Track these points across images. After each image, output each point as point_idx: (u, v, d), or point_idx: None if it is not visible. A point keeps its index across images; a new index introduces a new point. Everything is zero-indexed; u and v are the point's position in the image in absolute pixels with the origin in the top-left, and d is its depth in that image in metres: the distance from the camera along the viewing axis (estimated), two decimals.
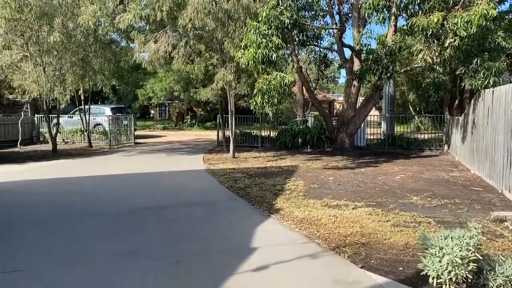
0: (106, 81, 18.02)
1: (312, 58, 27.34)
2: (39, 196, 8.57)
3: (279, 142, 17.53)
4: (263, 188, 9.14)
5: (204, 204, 7.79)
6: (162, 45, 12.31)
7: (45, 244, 5.60)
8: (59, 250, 5.35)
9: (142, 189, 9.37)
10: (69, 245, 5.54)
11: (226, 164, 12.97)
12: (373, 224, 6.37)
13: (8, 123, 19.79)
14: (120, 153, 16.24)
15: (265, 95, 10.95)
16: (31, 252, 5.26)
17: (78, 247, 5.46)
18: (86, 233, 6.05)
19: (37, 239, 5.81)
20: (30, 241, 5.72)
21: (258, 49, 10.91)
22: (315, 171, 11.61)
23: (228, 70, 12.90)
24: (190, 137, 24.24)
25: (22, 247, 5.44)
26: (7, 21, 12.15)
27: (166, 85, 29.05)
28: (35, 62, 13.97)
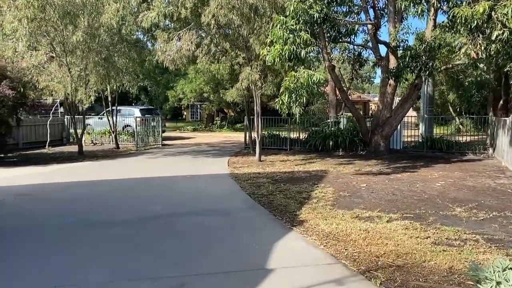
0: (133, 81, 17.72)
1: (345, 57, 26.40)
2: (49, 202, 8.16)
3: (309, 144, 16.70)
4: (287, 196, 8.40)
5: (220, 213, 7.13)
6: (185, 43, 11.79)
7: (31, 259, 5.09)
8: (42, 269, 4.81)
9: (158, 194, 8.82)
10: (57, 259, 5.00)
11: (251, 168, 12.29)
12: (411, 242, 5.52)
13: (37, 124, 19.86)
14: (145, 155, 15.88)
15: (292, 94, 10.20)
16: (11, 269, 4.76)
17: (69, 261, 4.91)
18: (83, 246, 5.50)
19: (25, 252, 5.31)
20: (17, 254, 5.23)
21: (285, 45, 10.19)
22: (346, 176, 10.75)
23: (254, 68, 12.24)
24: (218, 139, 23.75)
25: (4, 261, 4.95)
26: (30, 21, 11.95)
27: (196, 86, 28.74)
28: (59, 62, 13.77)
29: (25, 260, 4.97)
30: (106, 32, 13.89)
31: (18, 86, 13.77)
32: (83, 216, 7.05)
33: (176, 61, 11.73)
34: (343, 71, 34.51)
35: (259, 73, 12.25)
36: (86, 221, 6.67)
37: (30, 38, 12.74)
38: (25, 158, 15.25)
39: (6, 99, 12.83)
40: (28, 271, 4.64)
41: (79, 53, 13.52)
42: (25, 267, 4.76)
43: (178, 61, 11.77)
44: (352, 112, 15.77)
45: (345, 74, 34.13)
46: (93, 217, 6.95)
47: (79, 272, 4.61)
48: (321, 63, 25.12)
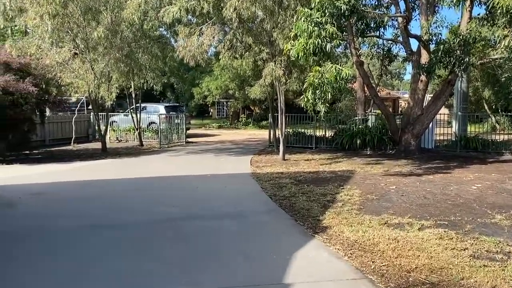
0: (157, 78, 17.54)
1: (374, 52, 25.53)
2: (63, 202, 7.95)
3: (335, 143, 16.10)
4: (310, 198, 7.91)
5: (238, 217, 6.72)
6: (207, 38, 11.42)
7: (32, 264, 4.81)
8: (41, 275, 4.52)
9: (175, 195, 8.49)
10: (59, 265, 4.70)
11: (274, 167, 11.85)
12: (446, 254, 4.97)
13: (64, 121, 20.02)
14: (168, 153, 15.66)
15: (317, 90, 9.66)
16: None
17: (70, 268, 4.60)
18: (88, 252, 5.17)
19: (27, 256, 5.04)
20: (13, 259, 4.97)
21: (309, 38, 9.64)
22: (375, 177, 10.17)
23: (278, 64, 11.76)
24: (243, 137, 23.39)
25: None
26: (51, 17, 11.84)
27: (221, 83, 28.45)
28: (82, 59, 13.67)
29: (25, 266, 4.69)
30: (128, 28, 13.68)
31: (41, 83, 13.76)
32: (94, 217, 6.78)
33: (196, 56, 11.38)
34: (372, 67, 33.56)
35: (283, 68, 11.76)
36: (97, 223, 6.39)
37: (53, 34, 12.65)
38: (50, 155, 15.29)
39: (29, 96, 12.82)
40: (25, 278, 4.36)
41: (101, 50, 13.37)
42: (24, 273, 4.48)
43: (199, 57, 11.42)
44: (381, 109, 15.07)
45: (374, 70, 33.19)
46: (104, 219, 6.67)
47: (78, 279, 4.29)
48: (349, 59, 24.36)
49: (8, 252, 5.19)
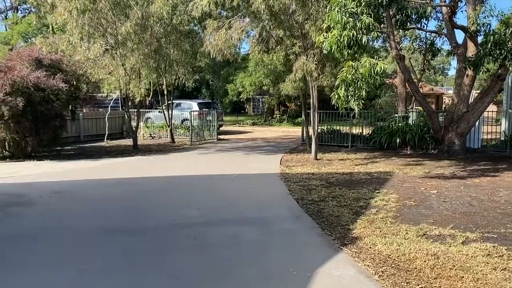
0: (188, 75, 17.26)
1: (416, 46, 24.30)
2: (82, 203, 7.68)
3: (373, 141, 15.26)
4: (341, 203, 7.27)
5: (260, 223, 6.19)
6: (235, 32, 10.93)
7: (35, 271, 4.47)
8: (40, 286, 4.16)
9: (198, 196, 8.06)
10: (62, 275, 4.33)
11: (305, 167, 11.23)
12: (495, 276, 4.25)
13: (98, 117, 20.17)
14: (198, 150, 15.34)
15: (350, 87, 8.98)
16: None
17: (72, 278, 4.22)
18: (96, 259, 4.81)
19: (31, 262, 4.71)
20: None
21: (344, 30, 8.96)
22: (414, 180, 9.37)
23: (310, 58, 11.11)
24: (276, 134, 22.83)
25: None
26: (80, 12, 11.71)
27: (255, 80, 27.97)
28: (112, 54, 13.53)
29: (25, 272, 4.37)
30: (157, 22, 13.40)
31: (72, 79, 13.73)
32: (110, 220, 6.45)
33: (223, 51, 10.92)
34: (414, 62, 32.17)
35: (316, 62, 11.11)
36: (111, 227, 6.03)
37: (82, 30, 12.54)
38: (82, 151, 15.32)
39: (60, 92, 12.79)
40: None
41: (129, 45, 13.16)
42: (24, 279, 4.14)
43: (226, 51, 10.95)
44: (423, 106, 14.08)
45: (416, 65, 31.78)
46: (120, 222, 6.32)
47: None
48: (389, 54, 23.28)
49: (8, 258, 4.90)
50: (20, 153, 12.97)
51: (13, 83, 11.83)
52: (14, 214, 6.72)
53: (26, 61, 13.00)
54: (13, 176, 10.10)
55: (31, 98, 12.17)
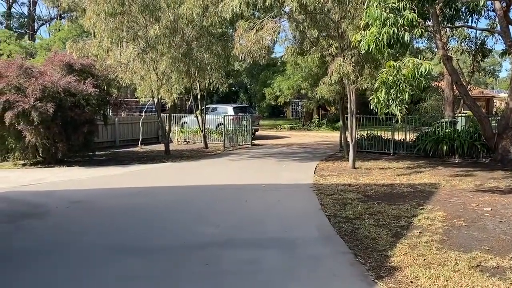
0: (221, 79, 16.79)
1: (465, 46, 22.78)
2: (98, 214, 7.27)
3: (417, 148, 14.14)
4: (379, 222, 6.42)
5: (284, 246, 5.45)
6: (266, 33, 10.27)
7: None
8: None
9: (220, 210, 7.44)
10: None
11: (341, 177, 10.38)
12: None
13: (134, 122, 20.07)
14: (230, 157, 14.78)
15: (391, 89, 8.09)
16: None
17: None
18: (95, 285, 4.27)
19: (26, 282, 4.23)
20: None
21: (383, 27, 8.09)
22: (463, 194, 8.34)
23: (347, 59, 10.28)
24: (313, 139, 21.94)
25: None
26: (108, 15, 11.46)
27: (293, 83, 27.18)
28: (142, 58, 13.22)
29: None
30: (186, 25, 12.97)
31: (103, 84, 13.55)
32: (120, 236, 5.94)
33: (253, 53, 10.29)
34: (462, 64, 30.36)
35: (353, 64, 10.26)
36: (120, 245, 5.51)
37: (112, 34, 12.30)
38: (114, 156, 15.14)
39: (90, 97, 12.61)
40: None
41: (159, 48, 12.80)
42: None
43: (255, 53, 10.32)
44: (473, 110, 12.85)
45: (464, 67, 29.99)
46: (130, 240, 5.78)
47: None
48: (434, 54, 21.91)
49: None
50: (51, 159, 12.90)
51: (44, 88, 11.72)
52: (25, 227, 6.36)
53: (57, 66, 12.93)
54: (38, 183, 9.91)
55: (62, 103, 12.03)
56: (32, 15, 38.60)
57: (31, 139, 11.81)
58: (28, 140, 11.80)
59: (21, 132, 11.67)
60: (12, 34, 29.97)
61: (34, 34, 36.37)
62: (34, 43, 29.68)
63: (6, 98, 11.34)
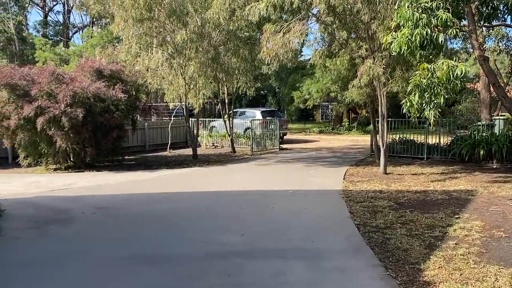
0: (249, 83, 16.69)
1: (502, 46, 21.89)
2: (123, 221, 7.24)
3: (452, 153, 13.59)
4: (412, 232, 6.10)
5: (310, 257, 5.22)
6: (293, 35, 10.07)
7: None
8: None
9: (244, 217, 7.27)
10: None
11: (371, 183, 10.04)
12: None
13: (163, 126, 20.25)
14: (257, 161, 14.62)
15: (425, 93, 7.75)
16: None
17: None
18: None
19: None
20: None
21: (416, 28, 7.77)
22: (503, 202, 7.88)
23: (378, 61, 9.96)
24: (343, 143, 21.52)
25: None
26: (136, 21, 11.55)
27: (322, 86, 26.79)
28: (170, 63, 13.27)
29: None
30: (213, 29, 12.94)
31: (132, 89, 13.68)
32: (144, 244, 5.85)
33: (280, 56, 10.10)
34: (500, 65, 29.21)
35: (384, 66, 9.92)
36: (139, 253, 5.42)
37: (139, 39, 12.40)
38: (143, 161, 15.26)
39: (120, 102, 12.75)
40: None
41: (187, 53, 12.80)
42: None
43: (282, 56, 10.13)
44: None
45: (502, 67, 28.85)
46: (151, 248, 5.69)
47: None
48: (470, 55, 21.10)
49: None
50: (81, 163, 13.11)
51: (74, 94, 11.92)
52: (50, 233, 6.38)
53: (87, 72, 13.15)
54: (67, 188, 10.04)
55: (91, 108, 12.21)
56: (66, 23, 39.79)
57: (61, 144, 12.01)
58: (59, 145, 12.01)
59: (52, 137, 11.89)
60: (48, 42, 30.96)
61: (68, 41, 37.43)
62: (67, 50, 30.53)
63: (38, 104, 11.59)
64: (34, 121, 11.57)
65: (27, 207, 7.98)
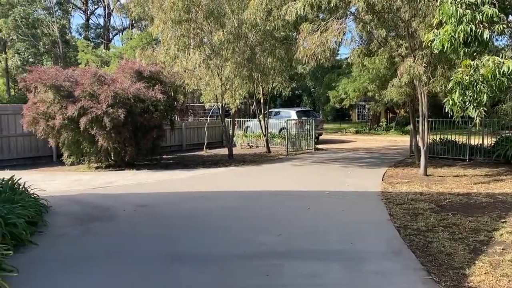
0: (285, 83, 16.64)
1: None
2: (162, 218, 7.39)
3: (496, 154, 13.07)
4: (455, 236, 5.90)
5: (348, 259, 5.14)
6: (331, 34, 9.96)
7: None
8: None
9: (279, 217, 7.26)
10: None
11: (412, 184, 9.79)
12: None
13: (200, 126, 20.52)
14: (292, 161, 14.56)
15: (468, 91, 7.48)
16: None
17: None
18: None
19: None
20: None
21: (459, 25, 7.51)
22: None
23: (418, 59, 9.69)
24: (381, 144, 21.10)
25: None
26: (175, 23, 11.74)
27: (359, 85, 26.34)
28: (207, 64, 13.42)
29: None
30: (250, 29, 12.97)
31: (170, 90, 13.92)
32: (183, 242, 5.94)
33: (317, 55, 10.01)
34: None
35: (425, 65, 9.65)
36: (182, 252, 5.50)
37: (178, 41, 12.60)
38: (180, 160, 15.51)
39: (159, 103, 13.00)
40: None
41: (223, 54, 12.91)
42: None
43: (320, 55, 10.03)
44: None
45: None
46: (192, 246, 5.76)
47: None
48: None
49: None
50: (121, 162, 13.46)
51: (115, 94, 12.25)
52: (93, 230, 6.58)
53: (128, 74, 13.47)
54: (108, 186, 10.33)
55: (132, 109, 12.50)
56: (107, 25, 41.03)
57: (103, 143, 12.36)
58: (101, 144, 12.37)
59: (94, 136, 12.26)
60: (89, 44, 32.01)
61: (108, 43, 38.60)
62: (108, 52, 31.46)
63: (81, 104, 11.97)
64: (77, 121, 11.96)
65: (71, 204, 8.27)
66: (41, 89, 12.48)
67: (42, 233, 6.34)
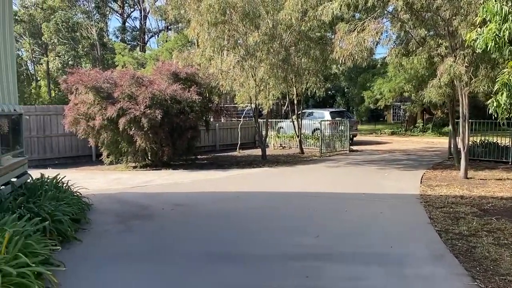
0: (320, 83, 16.54)
1: None
2: (199, 217, 7.52)
3: None
4: (500, 241, 5.71)
5: (389, 263, 5.07)
6: (368, 34, 9.83)
7: None
8: None
9: (315, 219, 7.21)
10: None
11: (451, 187, 9.53)
12: None
13: (233, 127, 20.68)
14: (326, 163, 14.45)
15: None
16: None
17: None
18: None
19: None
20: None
21: (504, 23, 7.24)
22: None
23: (459, 59, 9.43)
24: (418, 145, 20.61)
25: None
26: (211, 25, 11.90)
27: (395, 85, 25.83)
28: (241, 65, 13.51)
29: None
30: (285, 30, 12.97)
31: (205, 91, 14.09)
32: (221, 242, 6.01)
33: (354, 55, 9.90)
34: None
35: (466, 64, 9.37)
36: (220, 252, 5.56)
37: (214, 43, 12.75)
38: (214, 160, 15.68)
39: (194, 104, 13.20)
40: None
41: (258, 55, 12.97)
42: None
43: (357, 56, 9.91)
44: None
45: None
46: (230, 246, 5.83)
47: None
48: None
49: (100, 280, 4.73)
50: (158, 162, 13.74)
51: (153, 96, 12.52)
52: (134, 228, 6.75)
53: (164, 75, 13.73)
54: (146, 185, 10.57)
55: (168, 110, 12.74)
56: (143, 28, 41.95)
57: (141, 143, 12.66)
58: (139, 144, 12.68)
59: (132, 136, 12.58)
60: (126, 47, 32.86)
61: (144, 45, 39.47)
62: (144, 54, 32.19)
63: (120, 105, 12.31)
64: (116, 122, 12.30)
65: (111, 202, 8.52)
66: (82, 90, 12.90)
67: (85, 230, 6.56)
